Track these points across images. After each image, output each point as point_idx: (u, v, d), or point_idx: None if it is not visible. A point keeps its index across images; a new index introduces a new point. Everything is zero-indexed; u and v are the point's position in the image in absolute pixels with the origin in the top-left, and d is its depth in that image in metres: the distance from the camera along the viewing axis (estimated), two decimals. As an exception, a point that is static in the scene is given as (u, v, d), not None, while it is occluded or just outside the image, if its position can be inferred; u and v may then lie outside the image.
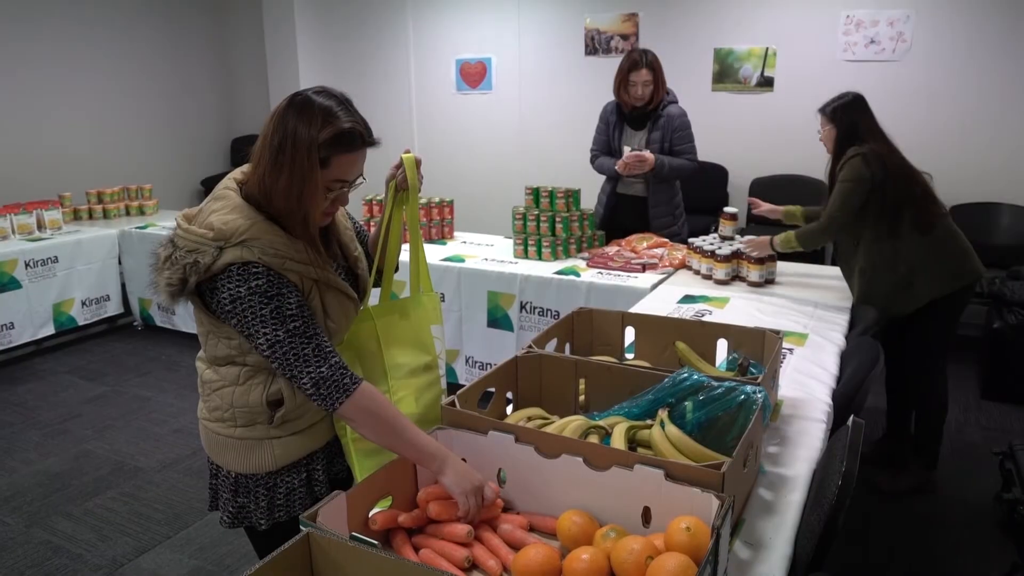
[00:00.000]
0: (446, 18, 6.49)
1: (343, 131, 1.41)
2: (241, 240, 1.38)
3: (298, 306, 1.41)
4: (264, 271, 1.38)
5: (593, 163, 3.94)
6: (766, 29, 5.36)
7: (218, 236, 1.38)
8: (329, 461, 1.69)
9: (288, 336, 1.39)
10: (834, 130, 2.95)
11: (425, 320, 1.75)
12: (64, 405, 4.18)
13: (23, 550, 2.87)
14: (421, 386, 1.70)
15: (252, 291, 1.37)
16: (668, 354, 1.92)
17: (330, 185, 1.45)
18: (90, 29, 6.25)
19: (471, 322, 3.81)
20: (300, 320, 1.40)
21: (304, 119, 1.39)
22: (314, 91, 1.45)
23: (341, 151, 1.42)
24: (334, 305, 1.53)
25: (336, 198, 1.49)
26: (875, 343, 2.27)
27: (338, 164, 1.43)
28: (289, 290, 1.41)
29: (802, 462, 1.67)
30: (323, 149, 1.40)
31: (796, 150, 5.44)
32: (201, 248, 1.38)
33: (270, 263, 1.39)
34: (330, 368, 1.40)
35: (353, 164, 1.47)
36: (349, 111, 1.45)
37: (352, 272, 1.67)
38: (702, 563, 1.04)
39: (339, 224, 1.66)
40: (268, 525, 1.60)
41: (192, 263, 1.37)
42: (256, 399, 1.52)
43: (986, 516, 2.94)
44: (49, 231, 5.05)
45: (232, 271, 1.38)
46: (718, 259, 3.22)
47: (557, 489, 1.35)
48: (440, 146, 6.81)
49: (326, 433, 1.65)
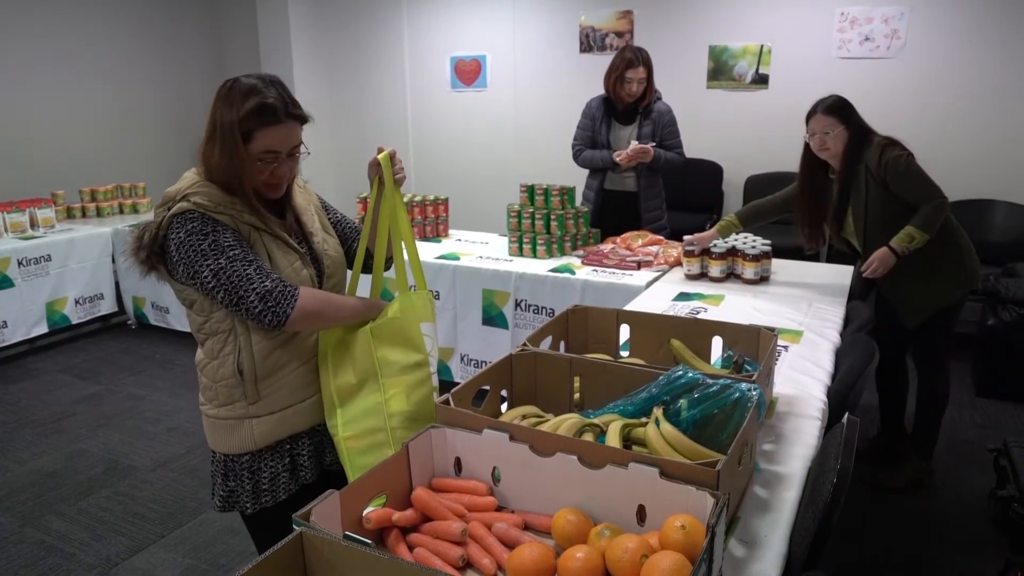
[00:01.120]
0: (441, 15, 6.47)
1: (261, 104, 1.56)
2: (182, 196, 1.57)
3: (235, 238, 1.57)
4: (199, 215, 1.55)
5: (577, 158, 3.98)
6: (761, 26, 5.36)
7: (165, 199, 1.60)
8: (319, 450, 1.78)
9: (229, 262, 1.53)
10: (846, 131, 2.85)
11: (415, 318, 1.75)
12: (58, 404, 4.17)
13: (16, 549, 2.85)
14: (412, 384, 1.70)
15: (189, 232, 1.54)
16: (663, 352, 1.91)
17: (261, 157, 1.60)
18: (83, 27, 6.22)
19: (466, 320, 3.80)
20: (239, 248, 1.56)
21: (228, 99, 1.56)
22: (244, 75, 1.61)
23: (262, 124, 1.57)
24: (278, 253, 1.65)
25: (274, 169, 1.62)
26: (870, 340, 2.27)
27: (263, 136, 1.58)
28: (224, 227, 1.57)
29: (797, 459, 1.67)
30: (244, 123, 1.55)
31: (791, 147, 5.37)
32: (158, 213, 1.60)
33: (206, 208, 1.55)
34: (273, 282, 1.55)
35: (279, 135, 1.60)
36: (272, 88, 1.59)
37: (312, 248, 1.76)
38: (697, 561, 1.04)
39: (297, 204, 1.78)
40: (255, 510, 1.70)
41: (146, 223, 1.60)
42: (228, 371, 1.65)
43: (981, 513, 2.95)
44: (42, 229, 5.03)
45: (173, 223, 1.55)
46: (713, 256, 3.21)
47: (552, 487, 1.35)
48: (435, 144, 6.80)
49: (309, 417, 1.74)
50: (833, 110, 2.88)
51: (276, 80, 1.64)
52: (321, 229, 1.82)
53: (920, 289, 2.89)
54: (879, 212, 2.85)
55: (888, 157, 2.76)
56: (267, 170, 1.62)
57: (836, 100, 2.92)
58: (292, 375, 1.71)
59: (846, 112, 2.87)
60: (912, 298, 2.93)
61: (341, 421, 1.68)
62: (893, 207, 2.81)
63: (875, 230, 2.87)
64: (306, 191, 1.87)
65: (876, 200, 2.84)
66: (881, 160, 2.77)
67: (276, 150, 1.61)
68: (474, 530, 1.31)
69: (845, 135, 2.86)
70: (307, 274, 1.70)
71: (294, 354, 1.70)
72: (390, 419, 1.66)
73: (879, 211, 2.84)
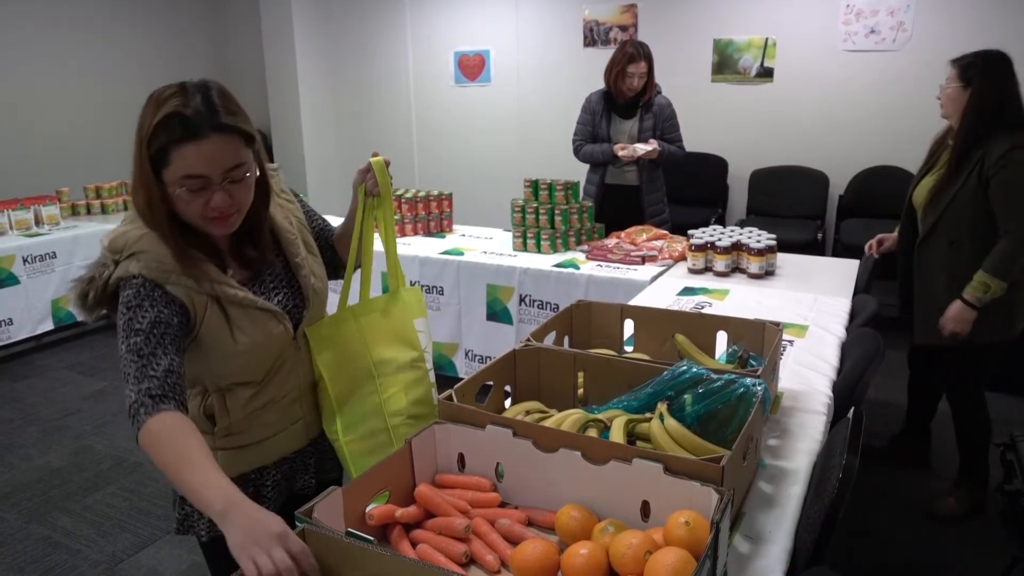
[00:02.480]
0: (444, 10, 6.46)
1: (171, 115, 1.25)
2: (130, 253, 1.33)
3: (151, 323, 1.29)
4: (140, 281, 1.31)
5: (578, 153, 3.99)
6: (765, 19, 5.33)
7: (112, 249, 1.35)
8: (288, 477, 1.62)
9: (126, 351, 1.28)
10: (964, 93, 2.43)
11: (408, 315, 1.71)
12: (63, 401, 4.18)
13: (23, 546, 2.86)
14: (409, 382, 1.67)
15: (122, 301, 1.32)
16: (667, 347, 1.91)
17: (181, 183, 1.28)
18: (88, 24, 6.22)
19: (470, 315, 3.79)
20: (142, 336, 1.28)
21: (141, 116, 1.29)
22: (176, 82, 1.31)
23: (176, 141, 1.25)
24: (246, 322, 1.41)
25: (209, 199, 1.30)
26: (876, 334, 2.26)
27: (180, 157, 1.26)
28: (152, 303, 1.31)
29: (802, 455, 1.66)
30: (154, 141, 1.26)
31: (796, 141, 5.42)
32: (105, 262, 1.35)
33: (153, 276, 1.31)
34: (137, 393, 1.25)
35: (201, 155, 1.27)
36: (198, 93, 1.28)
37: (295, 281, 1.54)
38: (701, 557, 1.03)
39: (277, 226, 1.52)
40: (210, 537, 1.51)
41: (90, 279, 1.34)
42: (194, 410, 1.47)
43: (987, 507, 2.93)
44: (47, 226, 5.03)
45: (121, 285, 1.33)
46: (718, 251, 3.20)
47: (555, 483, 1.34)
48: (438, 139, 6.79)
49: (279, 449, 1.57)
50: (959, 63, 2.48)
51: (209, 85, 1.31)
52: (307, 255, 1.57)
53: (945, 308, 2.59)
54: (961, 209, 2.51)
55: (1015, 157, 2.38)
56: (197, 201, 1.30)
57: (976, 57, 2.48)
58: (268, 412, 1.53)
59: (976, 74, 2.44)
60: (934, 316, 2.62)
61: (341, 425, 1.60)
62: (977, 211, 2.49)
63: (947, 225, 2.56)
64: (283, 204, 1.58)
65: (968, 194, 2.49)
66: (1006, 156, 2.38)
67: (199, 174, 1.28)
68: (477, 526, 1.30)
69: (962, 98, 2.46)
70: (281, 331, 1.48)
71: (273, 394, 1.52)
72: (390, 418, 1.63)
73: (962, 208, 2.51)
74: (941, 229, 2.57)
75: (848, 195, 5.26)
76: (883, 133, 5.08)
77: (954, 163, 2.51)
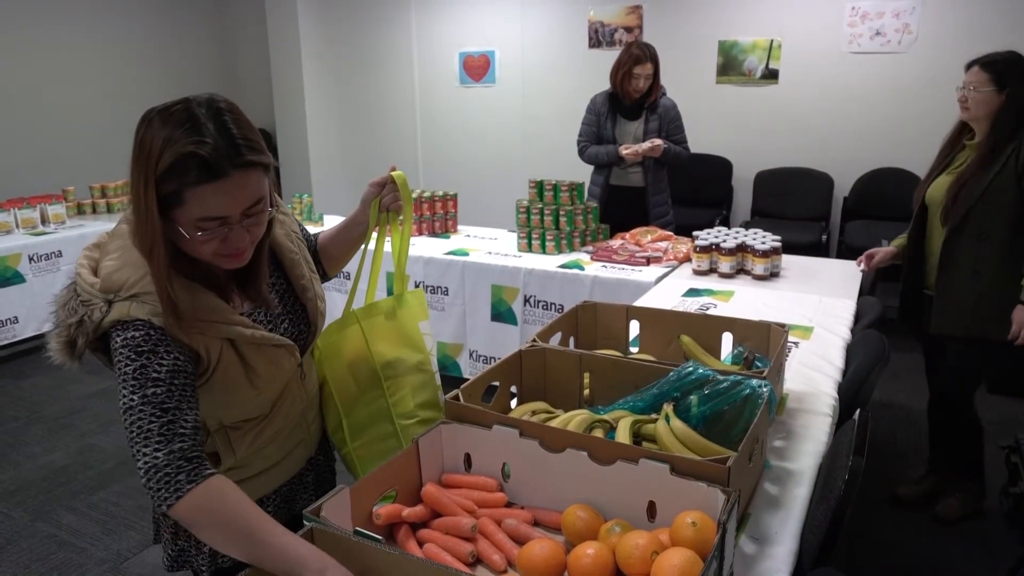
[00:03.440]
0: (449, 11, 6.47)
1: (190, 155, 1.10)
2: (131, 294, 1.17)
3: (170, 371, 1.17)
4: (144, 330, 1.17)
5: (583, 154, 4.00)
6: (771, 21, 5.33)
7: (106, 288, 1.19)
8: (288, 499, 1.54)
9: (141, 402, 1.14)
10: (999, 97, 2.38)
11: (412, 318, 1.67)
12: (69, 399, 4.19)
13: (28, 543, 2.87)
14: (416, 385, 1.64)
15: (126, 343, 1.16)
16: (673, 348, 1.91)
17: (199, 225, 1.14)
18: (94, 23, 6.25)
19: (475, 316, 3.80)
20: (163, 387, 1.15)
21: (147, 143, 1.12)
22: (178, 101, 1.15)
23: (194, 181, 1.11)
24: (260, 361, 1.31)
25: (226, 237, 1.18)
26: (881, 336, 2.26)
27: (197, 198, 1.12)
28: (167, 348, 1.17)
29: (808, 456, 1.67)
30: (168, 181, 1.11)
31: (801, 143, 5.42)
32: (92, 301, 1.18)
33: (164, 325, 1.17)
34: (168, 455, 1.13)
35: (222, 195, 1.14)
36: (211, 124, 1.13)
37: (299, 304, 1.45)
38: (708, 558, 1.04)
39: (280, 246, 1.42)
40: (210, 572, 1.41)
41: (78, 322, 1.18)
42: None
43: (992, 509, 2.93)
44: (53, 225, 5.05)
45: (115, 329, 1.18)
46: (723, 252, 3.20)
47: (562, 484, 1.35)
48: (443, 140, 6.80)
49: (281, 476, 1.50)
50: (992, 67, 2.42)
51: (224, 109, 1.16)
52: (311, 275, 1.47)
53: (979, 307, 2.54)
54: (993, 202, 2.44)
55: None
56: (213, 240, 1.17)
57: (1004, 57, 2.44)
58: (273, 444, 1.45)
59: (1008, 76, 2.40)
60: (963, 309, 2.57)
61: (348, 431, 1.57)
62: (1010, 204, 2.44)
63: (978, 218, 2.50)
64: (282, 219, 1.45)
65: (1000, 187, 2.44)
66: None
67: (220, 215, 1.15)
68: (484, 526, 1.31)
69: (997, 101, 2.42)
70: (292, 363, 1.39)
71: (279, 425, 1.43)
72: (398, 420, 1.61)
73: (993, 201, 2.44)
74: (971, 222, 2.51)
75: (853, 197, 5.26)
76: (888, 135, 5.07)
77: (986, 157, 2.48)
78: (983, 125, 2.52)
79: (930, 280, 2.73)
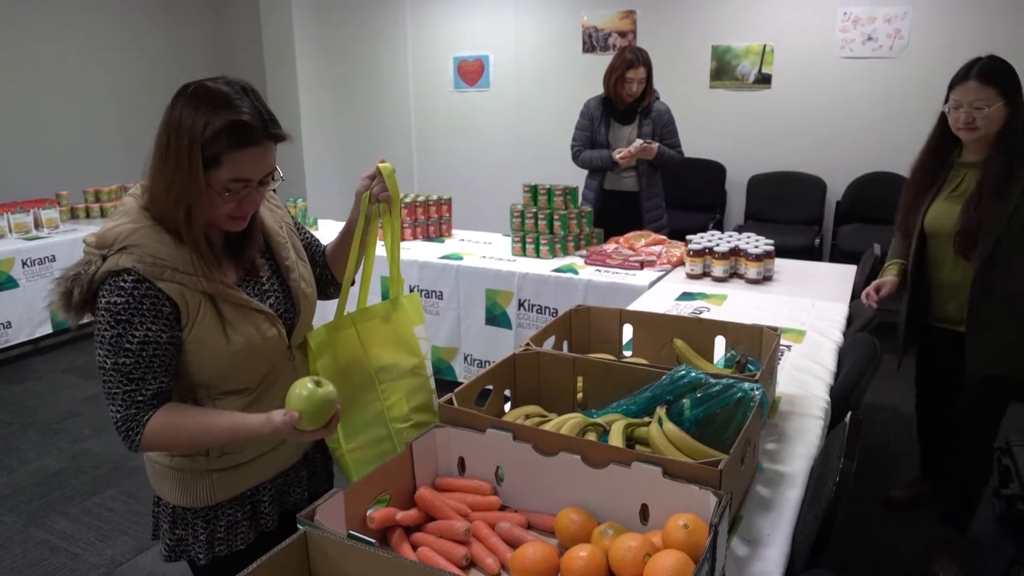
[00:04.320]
0: (444, 15, 6.48)
1: (234, 123, 1.27)
2: (122, 246, 1.29)
3: (141, 343, 1.29)
4: (130, 287, 1.28)
5: (577, 159, 4.01)
6: (764, 26, 5.36)
7: (100, 244, 1.31)
8: (282, 492, 1.59)
9: (112, 368, 1.30)
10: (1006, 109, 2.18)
11: (408, 322, 1.69)
12: (62, 404, 4.18)
13: (21, 549, 2.86)
14: (411, 388, 1.65)
15: (108, 307, 1.28)
16: (666, 351, 1.92)
17: (227, 186, 1.30)
18: (87, 26, 6.23)
19: (469, 320, 3.80)
20: (132, 358, 1.29)
21: (190, 111, 1.27)
22: (210, 79, 1.32)
23: (234, 146, 1.28)
24: (238, 319, 1.40)
25: (243, 200, 1.34)
26: (873, 339, 2.27)
27: (232, 161, 1.29)
28: (142, 319, 1.29)
29: (800, 459, 1.68)
30: (211, 145, 1.27)
31: (794, 147, 5.44)
32: (90, 259, 1.31)
33: (147, 272, 1.28)
34: (127, 414, 1.31)
35: (253, 160, 1.31)
36: (247, 99, 1.31)
37: (282, 284, 1.53)
38: (700, 560, 1.04)
39: (268, 229, 1.52)
40: (207, 560, 1.49)
41: (75, 276, 1.30)
42: None
43: (984, 511, 2.94)
44: (46, 230, 5.04)
45: (106, 283, 1.29)
46: (716, 256, 3.21)
47: (555, 487, 1.35)
48: (438, 144, 6.81)
49: (275, 465, 1.55)
50: (992, 78, 2.19)
51: (249, 88, 1.35)
52: (297, 259, 1.57)
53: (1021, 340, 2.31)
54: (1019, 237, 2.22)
55: None
56: (233, 201, 1.33)
57: (997, 64, 2.22)
58: None
59: (1010, 86, 2.19)
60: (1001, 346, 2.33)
61: (343, 434, 1.56)
62: None
63: (1007, 250, 2.26)
64: (273, 209, 1.58)
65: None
66: None
67: (248, 178, 1.32)
68: (478, 529, 1.31)
69: (1004, 113, 2.20)
70: (275, 334, 1.46)
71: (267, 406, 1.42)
72: (392, 423, 1.62)
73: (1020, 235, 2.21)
74: (1000, 255, 2.27)
75: (845, 201, 5.28)
76: (880, 139, 5.10)
77: (1000, 184, 2.24)
78: (984, 142, 2.31)
79: (946, 313, 2.54)
